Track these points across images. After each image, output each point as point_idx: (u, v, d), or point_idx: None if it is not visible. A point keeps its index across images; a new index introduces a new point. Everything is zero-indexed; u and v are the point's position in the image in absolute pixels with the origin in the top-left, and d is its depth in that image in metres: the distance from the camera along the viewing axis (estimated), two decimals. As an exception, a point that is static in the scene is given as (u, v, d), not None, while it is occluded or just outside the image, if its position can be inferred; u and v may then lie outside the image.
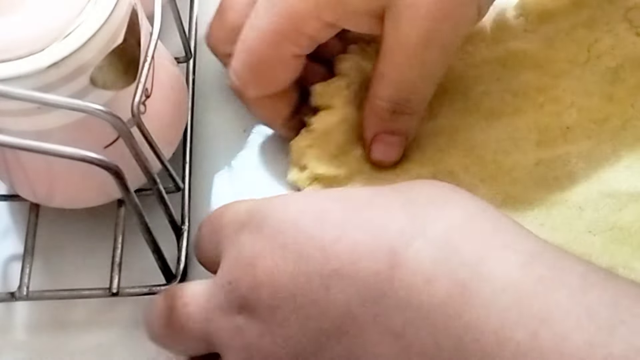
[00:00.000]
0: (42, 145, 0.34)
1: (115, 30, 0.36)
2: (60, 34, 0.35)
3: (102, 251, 0.43)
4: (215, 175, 0.47)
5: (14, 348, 0.44)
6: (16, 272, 0.43)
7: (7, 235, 0.46)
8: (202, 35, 0.48)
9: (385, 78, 0.42)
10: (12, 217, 0.47)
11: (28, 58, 0.35)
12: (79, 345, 0.43)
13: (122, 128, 0.36)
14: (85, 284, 0.43)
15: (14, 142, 0.34)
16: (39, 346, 0.43)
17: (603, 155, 0.44)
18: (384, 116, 0.42)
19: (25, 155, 0.39)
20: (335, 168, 0.43)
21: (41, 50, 0.35)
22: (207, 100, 0.49)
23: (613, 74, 0.46)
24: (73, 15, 0.36)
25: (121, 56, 0.37)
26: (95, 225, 0.45)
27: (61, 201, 0.44)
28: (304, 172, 0.44)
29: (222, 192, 0.47)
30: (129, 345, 0.43)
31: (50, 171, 0.41)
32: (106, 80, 0.37)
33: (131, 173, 0.37)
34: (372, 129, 0.43)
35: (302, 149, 0.44)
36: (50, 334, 0.44)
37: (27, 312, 0.44)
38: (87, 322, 0.44)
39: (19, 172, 0.42)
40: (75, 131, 0.38)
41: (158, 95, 0.42)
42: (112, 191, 0.38)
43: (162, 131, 0.42)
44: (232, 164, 0.48)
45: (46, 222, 0.45)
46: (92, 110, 0.35)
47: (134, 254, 0.43)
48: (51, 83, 0.35)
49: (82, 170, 0.35)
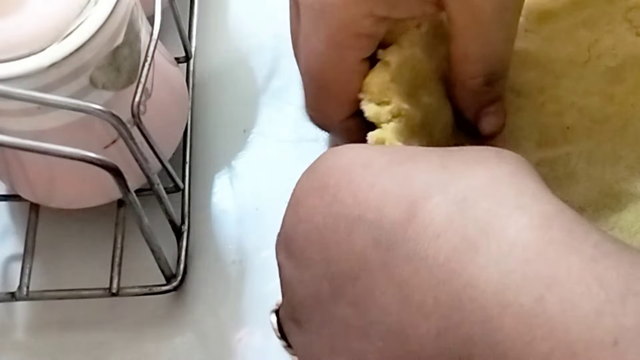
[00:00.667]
0: (42, 145, 0.34)
1: (115, 30, 0.36)
2: (60, 34, 0.35)
3: (102, 251, 0.43)
4: (215, 175, 0.47)
5: (14, 348, 0.44)
6: (16, 272, 0.43)
7: (7, 235, 0.46)
8: (202, 36, 0.48)
9: (471, 56, 0.41)
10: (12, 217, 0.47)
11: (28, 58, 0.35)
12: (79, 345, 0.43)
13: (122, 128, 0.36)
14: (85, 284, 0.43)
15: (14, 142, 0.34)
16: (39, 346, 0.43)
17: (603, 155, 0.44)
18: (481, 91, 0.42)
19: (25, 155, 0.39)
20: (413, 107, 0.41)
21: (41, 50, 0.35)
22: (207, 100, 0.49)
23: (613, 74, 0.46)
24: (73, 15, 0.36)
25: (121, 56, 0.37)
26: (95, 225, 0.45)
27: (61, 201, 0.44)
28: (386, 107, 0.41)
29: (222, 192, 0.47)
30: (129, 345, 0.43)
31: (50, 171, 0.41)
32: (106, 80, 0.37)
33: (131, 173, 0.37)
34: (474, 108, 0.43)
35: (385, 84, 0.41)
36: (50, 334, 0.44)
37: (27, 312, 0.44)
38: (87, 322, 0.44)
39: (19, 172, 0.42)
40: (75, 131, 0.38)
41: (158, 95, 0.42)
42: (112, 191, 0.38)
43: (162, 131, 0.42)
44: (232, 164, 0.48)
45: (46, 222, 0.45)
46: (92, 110, 0.35)
47: (134, 254, 0.43)
48: (51, 83, 0.35)
49: (82, 170, 0.35)
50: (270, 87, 0.50)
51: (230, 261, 0.45)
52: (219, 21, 0.52)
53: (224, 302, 0.44)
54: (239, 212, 0.46)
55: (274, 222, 0.46)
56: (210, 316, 0.44)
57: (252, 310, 0.44)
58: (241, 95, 0.50)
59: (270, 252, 0.45)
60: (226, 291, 0.44)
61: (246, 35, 0.52)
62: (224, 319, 0.44)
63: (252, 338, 0.43)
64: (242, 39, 0.52)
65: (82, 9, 0.36)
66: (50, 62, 0.35)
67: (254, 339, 0.43)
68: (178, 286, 0.43)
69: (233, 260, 0.45)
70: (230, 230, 0.46)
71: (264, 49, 0.51)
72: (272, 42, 0.51)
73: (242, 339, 0.43)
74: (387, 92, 0.40)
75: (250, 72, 0.51)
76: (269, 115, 0.49)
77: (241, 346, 0.43)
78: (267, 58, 0.51)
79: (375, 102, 0.40)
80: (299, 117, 0.49)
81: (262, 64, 0.51)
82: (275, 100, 0.50)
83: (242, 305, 0.44)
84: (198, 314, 0.44)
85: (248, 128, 0.48)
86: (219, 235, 0.46)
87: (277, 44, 0.51)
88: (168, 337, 0.43)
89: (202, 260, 0.45)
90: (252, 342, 0.43)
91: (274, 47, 0.51)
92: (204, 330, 0.43)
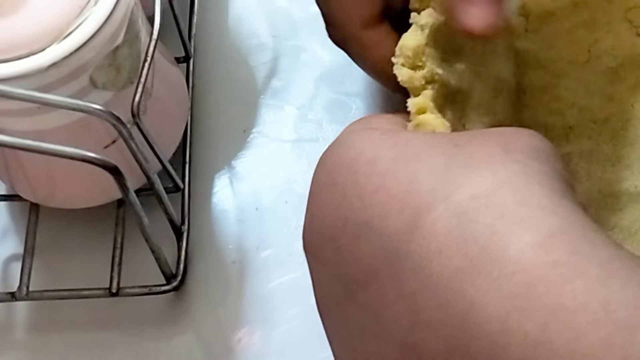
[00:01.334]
0: (42, 145, 0.34)
1: (115, 30, 0.36)
2: (60, 34, 0.35)
3: (102, 251, 0.43)
4: (215, 175, 0.47)
5: (14, 348, 0.44)
6: (16, 272, 0.43)
7: (7, 235, 0.46)
8: (202, 36, 0.48)
9: None
10: (12, 217, 0.47)
11: (28, 58, 0.35)
12: (79, 345, 0.43)
13: (122, 128, 0.36)
14: (85, 284, 0.43)
15: (14, 142, 0.34)
16: (39, 346, 0.43)
17: (603, 155, 0.44)
18: None
19: (25, 155, 0.39)
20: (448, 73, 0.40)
21: (41, 50, 0.35)
22: (207, 100, 0.49)
23: (613, 74, 0.46)
24: (73, 15, 0.36)
25: (121, 56, 0.37)
26: (95, 225, 0.45)
27: (61, 201, 0.44)
28: (420, 72, 0.40)
29: (222, 192, 0.47)
30: (129, 345, 0.43)
31: (50, 171, 0.41)
32: (106, 80, 0.37)
33: (131, 173, 0.37)
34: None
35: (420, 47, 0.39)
36: (50, 334, 0.44)
37: (27, 312, 0.44)
38: (87, 322, 0.44)
39: (19, 172, 0.42)
40: (75, 131, 0.38)
41: (158, 95, 0.42)
42: (112, 191, 0.38)
43: (162, 131, 0.42)
44: (232, 164, 0.48)
45: (46, 222, 0.45)
46: (92, 110, 0.35)
47: (134, 254, 0.43)
48: (51, 83, 0.35)
49: (82, 170, 0.35)
50: (270, 87, 0.50)
51: (230, 261, 0.45)
52: (219, 21, 0.52)
53: (224, 302, 0.44)
54: (239, 212, 0.46)
55: (274, 222, 0.46)
56: (210, 316, 0.44)
57: (252, 310, 0.44)
58: (241, 95, 0.50)
59: (270, 252, 0.45)
60: (226, 291, 0.44)
61: (246, 35, 0.52)
62: (224, 319, 0.44)
63: (252, 338, 0.43)
64: (242, 39, 0.52)
65: (82, 9, 0.36)
66: (50, 62, 0.35)
67: (254, 339, 0.43)
68: (178, 286, 0.43)
69: (233, 260, 0.45)
70: (230, 230, 0.46)
71: (264, 49, 0.51)
72: (272, 42, 0.51)
73: (242, 339, 0.43)
74: (421, 56, 0.39)
75: (250, 72, 0.51)
76: (269, 115, 0.49)
77: (241, 346, 0.43)
78: (267, 58, 0.51)
79: (409, 66, 0.39)
80: (299, 117, 0.49)
81: (262, 64, 0.51)
82: (275, 100, 0.50)
83: (242, 305, 0.44)
84: (198, 314, 0.44)
85: (248, 128, 0.48)
86: (219, 235, 0.46)
87: (277, 44, 0.51)
88: (168, 337, 0.43)
89: (202, 260, 0.45)
90: (252, 342, 0.43)
91: (274, 47, 0.51)
92: (204, 330, 0.43)
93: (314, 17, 0.42)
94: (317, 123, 0.48)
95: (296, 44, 0.51)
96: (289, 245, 0.45)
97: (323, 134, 0.48)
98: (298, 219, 0.45)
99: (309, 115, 0.49)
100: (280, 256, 0.45)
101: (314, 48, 0.51)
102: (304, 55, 0.51)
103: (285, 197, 0.46)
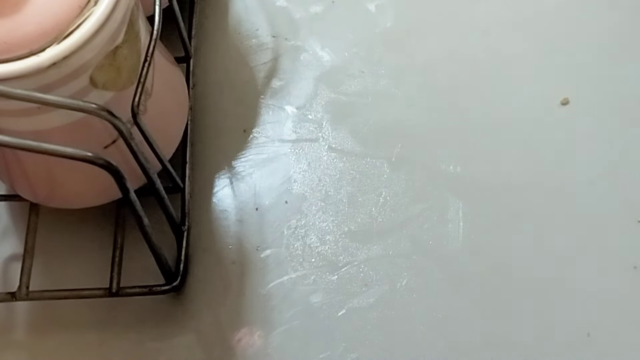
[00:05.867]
0: (42, 145, 0.34)
1: (115, 30, 0.36)
2: (60, 34, 0.35)
3: (102, 251, 0.43)
4: (215, 175, 0.47)
5: (14, 348, 0.44)
6: (16, 272, 0.43)
7: (7, 235, 0.46)
8: (202, 36, 0.48)
9: None
10: (12, 217, 0.47)
11: (28, 58, 0.35)
12: (79, 345, 0.43)
13: (122, 128, 0.36)
14: (85, 284, 0.43)
15: (14, 142, 0.34)
16: (39, 346, 0.43)
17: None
18: None
19: (25, 155, 0.39)
20: None
21: (41, 50, 0.35)
22: (207, 100, 0.49)
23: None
24: (73, 15, 0.36)
25: (121, 56, 0.37)
26: (95, 225, 0.45)
27: (61, 201, 0.44)
28: None
29: (222, 192, 0.47)
30: (129, 345, 0.43)
31: (50, 171, 0.41)
32: (106, 80, 0.37)
33: (131, 173, 0.37)
34: None
35: None
36: (50, 334, 0.44)
37: (27, 312, 0.44)
38: (87, 322, 0.44)
39: (19, 172, 0.42)
40: (75, 131, 0.38)
41: (158, 95, 0.42)
42: (112, 191, 0.38)
43: (162, 131, 0.42)
44: (232, 164, 0.48)
45: (46, 222, 0.45)
46: (92, 110, 0.35)
47: (134, 254, 0.43)
48: (51, 83, 0.35)
49: (82, 170, 0.35)
50: (270, 87, 0.50)
51: (230, 261, 0.45)
52: (218, 21, 0.52)
53: (224, 302, 0.44)
54: (239, 212, 0.46)
55: (274, 222, 0.46)
56: (210, 316, 0.44)
57: (252, 310, 0.44)
58: (241, 95, 0.50)
59: (270, 252, 0.45)
60: (226, 291, 0.44)
61: (246, 36, 0.52)
62: (224, 319, 0.44)
63: (252, 338, 0.43)
64: (242, 39, 0.52)
65: (82, 9, 0.36)
66: (50, 62, 0.35)
67: (254, 339, 0.43)
68: (178, 286, 0.43)
69: (233, 260, 0.45)
70: (230, 230, 0.46)
71: (264, 49, 0.51)
72: (272, 42, 0.51)
73: (242, 339, 0.43)
74: None
75: (250, 72, 0.51)
76: (269, 115, 0.49)
77: (241, 346, 0.43)
78: (267, 58, 0.51)
79: None
80: (299, 117, 0.49)
81: (262, 64, 0.51)
82: (275, 100, 0.50)
83: (242, 305, 0.44)
84: (198, 314, 0.44)
85: (248, 128, 0.48)
86: (219, 235, 0.46)
87: (277, 44, 0.51)
88: (168, 337, 0.43)
89: (202, 260, 0.45)
90: (252, 342, 0.43)
91: (274, 47, 0.51)
92: (204, 330, 0.43)
93: (314, 17, 0.42)
94: (317, 123, 0.48)
95: (296, 44, 0.51)
96: (289, 245, 0.45)
97: (323, 134, 0.48)
98: (298, 219, 0.45)
99: (309, 115, 0.49)
100: (280, 256, 0.45)
101: (314, 48, 0.51)
102: (304, 55, 0.51)
103: (285, 197, 0.46)
